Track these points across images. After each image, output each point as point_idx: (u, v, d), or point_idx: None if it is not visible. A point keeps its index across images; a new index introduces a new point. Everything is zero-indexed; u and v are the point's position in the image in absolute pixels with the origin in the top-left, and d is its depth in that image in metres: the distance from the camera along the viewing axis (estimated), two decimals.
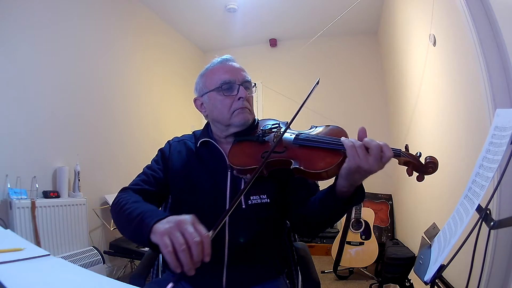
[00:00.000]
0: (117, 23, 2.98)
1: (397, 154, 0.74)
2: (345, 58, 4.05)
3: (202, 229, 0.64)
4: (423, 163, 0.75)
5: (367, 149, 0.70)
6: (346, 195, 0.78)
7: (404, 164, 0.75)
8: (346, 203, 0.79)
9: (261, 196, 0.93)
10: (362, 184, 0.79)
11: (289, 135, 0.85)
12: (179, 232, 0.62)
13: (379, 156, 0.70)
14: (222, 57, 1.02)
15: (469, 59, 1.21)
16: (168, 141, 1.07)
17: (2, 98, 1.97)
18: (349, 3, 3.05)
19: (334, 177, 0.79)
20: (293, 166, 0.78)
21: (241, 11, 3.47)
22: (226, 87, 0.95)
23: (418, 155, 0.75)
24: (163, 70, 3.69)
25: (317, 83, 0.85)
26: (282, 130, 0.91)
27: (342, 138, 0.75)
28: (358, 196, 0.80)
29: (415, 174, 0.75)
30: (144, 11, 3.35)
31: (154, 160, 1.03)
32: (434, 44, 1.71)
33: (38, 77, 2.19)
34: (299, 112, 0.83)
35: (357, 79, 3.98)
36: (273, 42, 4.25)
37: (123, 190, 0.93)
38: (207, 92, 0.98)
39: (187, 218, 0.65)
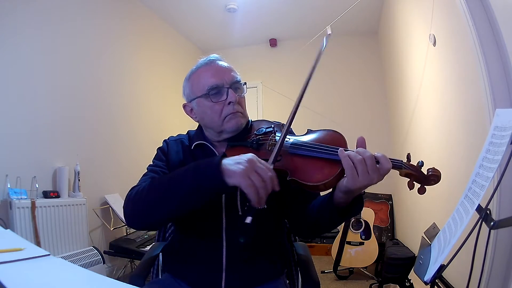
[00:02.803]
0: (117, 23, 2.98)
1: (398, 166, 0.72)
2: (345, 58, 4.05)
3: (266, 163, 0.70)
4: (425, 174, 0.72)
5: (365, 164, 0.68)
6: (344, 205, 0.78)
7: (406, 176, 0.73)
8: (343, 213, 0.79)
9: None
10: (361, 194, 0.78)
11: (286, 139, 0.81)
12: (254, 171, 0.68)
13: (377, 169, 0.69)
14: (207, 58, 0.96)
15: (469, 59, 1.21)
16: (164, 140, 1.05)
17: (3, 98, 1.97)
18: (349, 3, 3.05)
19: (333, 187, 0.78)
20: (290, 178, 0.76)
21: (241, 11, 3.46)
22: (214, 93, 0.90)
23: (420, 164, 0.72)
24: (163, 70, 3.69)
25: (328, 35, 0.79)
26: (277, 134, 0.88)
27: (340, 154, 0.71)
28: (355, 207, 0.79)
29: (417, 185, 0.73)
30: (144, 12, 3.35)
31: (156, 159, 1.02)
32: (434, 44, 1.71)
33: (38, 77, 2.19)
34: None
35: (357, 79, 3.98)
36: (273, 42, 4.25)
37: (133, 188, 0.89)
38: (195, 99, 0.94)
39: (252, 156, 0.70)
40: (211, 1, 3.29)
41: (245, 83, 0.97)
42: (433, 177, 0.71)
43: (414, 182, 0.73)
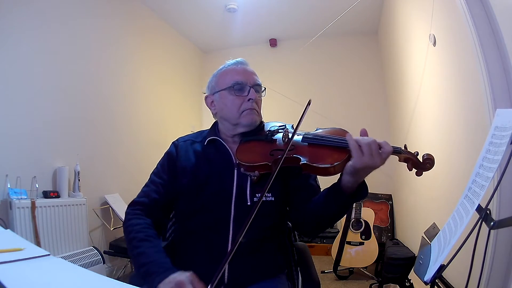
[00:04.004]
0: (117, 23, 2.98)
1: (397, 151, 0.79)
2: (345, 58, 4.05)
3: (201, 286, 0.74)
4: (421, 160, 0.80)
5: (370, 146, 0.76)
6: (350, 191, 0.82)
7: (404, 160, 0.81)
8: (350, 197, 0.83)
9: (266, 194, 0.94)
10: (364, 180, 0.83)
11: (296, 136, 0.90)
12: None
13: (379, 153, 0.76)
14: (236, 60, 1.05)
15: (469, 59, 1.21)
16: (173, 142, 1.08)
17: (2, 98, 1.97)
18: (349, 3, 3.05)
19: (338, 174, 0.83)
20: (302, 162, 0.83)
21: (241, 11, 3.46)
22: (238, 88, 0.99)
23: (416, 154, 0.81)
24: (163, 70, 3.69)
25: (309, 104, 0.88)
26: (290, 130, 0.96)
27: (347, 138, 0.80)
28: (361, 191, 0.84)
29: (414, 170, 0.81)
30: (144, 11, 3.35)
31: (160, 164, 1.04)
32: (434, 44, 1.71)
33: (38, 77, 2.19)
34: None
35: (357, 79, 3.98)
36: (273, 42, 4.25)
37: (133, 204, 0.96)
38: (219, 91, 1.01)
39: (185, 279, 0.74)
40: (211, 1, 3.29)
41: (265, 89, 1.07)
42: (428, 160, 0.79)
43: (412, 166, 0.81)
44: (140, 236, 0.88)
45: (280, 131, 0.96)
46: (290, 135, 0.91)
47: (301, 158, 0.84)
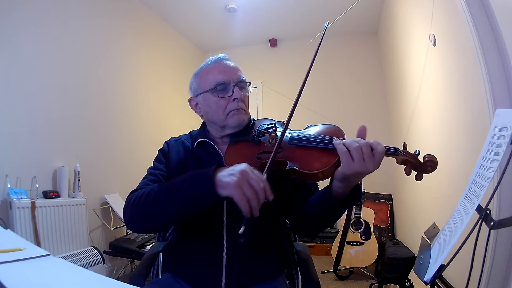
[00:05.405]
0: (117, 23, 2.98)
1: (394, 153, 0.73)
2: (345, 58, 4.05)
3: (259, 174, 0.71)
4: (422, 161, 0.73)
5: (360, 150, 0.69)
6: (343, 196, 0.78)
7: (402, 162, 0.74)
8: (343, 204, 0.79)
9: None
10: (358, 184, 0.79)
11: (284, 135, 0.84)
12: (247, 183, 0.68)
13: (371, 155, 0.69)
14: (216, 56, 0.99)
15: (469, 59, 1.21)
16: (165, 141, 1.06)
17: (2, 98, 1.96)
18: (349, 3, 3.05)
19: (331, 177, 0.78)
20: (289, 167, 0.77)
21: (241, 11, 3.47)
22: (221, 88, 0.93)
23: (416, 153, 0.74)
24: (163, 70, 3.69)
25: (326, 28, 0.84)
26: (278, 130, 0.90)
27: (335, 142, 0.73)
28: (354, 196, 0.79)
29: (414, 173, 0.74)
30: (144, 11, 3.35)
31: (156, 160, 1.03)
32: (434, 44, 1.71)
33: (38, 77, 2.19)
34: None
35: (357, 79, 3.98)
36: (273, 42, 4.25)
37: (134, 192, 0.91)
38: (202, 93, 0.97)
39: (246, 167, 0.71)
40: (211, 1, 3.29)
41: (250, 84, 1.00)
42: (430, 163, 0.72)
43: (411, 169, 0.73)
44: (159, 184, 0.85)
45: (269, 130, 0.90)
46: (278, 135, 0.84)
47: (288, 162, 0.77)
